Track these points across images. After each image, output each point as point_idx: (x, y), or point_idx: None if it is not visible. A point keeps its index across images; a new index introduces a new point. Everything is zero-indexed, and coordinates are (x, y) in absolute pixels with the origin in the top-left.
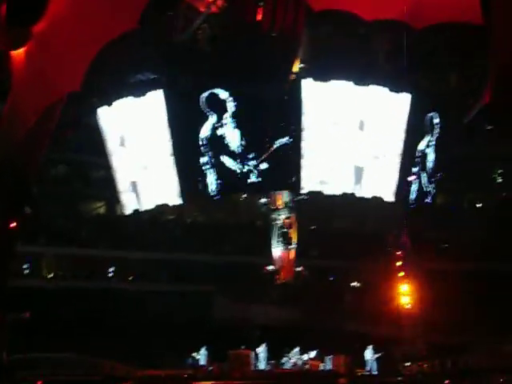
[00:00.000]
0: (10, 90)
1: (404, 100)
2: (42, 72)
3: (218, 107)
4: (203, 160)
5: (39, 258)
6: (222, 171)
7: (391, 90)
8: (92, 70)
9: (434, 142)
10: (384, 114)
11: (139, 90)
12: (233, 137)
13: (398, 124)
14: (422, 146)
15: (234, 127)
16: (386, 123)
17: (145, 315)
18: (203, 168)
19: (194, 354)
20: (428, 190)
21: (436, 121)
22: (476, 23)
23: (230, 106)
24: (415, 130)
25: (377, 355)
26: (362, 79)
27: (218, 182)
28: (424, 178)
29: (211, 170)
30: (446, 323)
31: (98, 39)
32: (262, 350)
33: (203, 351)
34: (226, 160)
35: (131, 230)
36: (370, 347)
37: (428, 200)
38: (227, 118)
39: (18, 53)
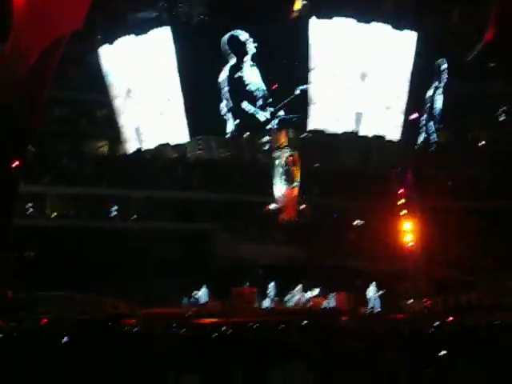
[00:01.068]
0: (12, 28)
1: (409, 39)
2: (44, 11)
3: (238, 49)
4: (221, 102)
5: (42, 197)
6: (240, 113)
7: (394, 28)
8: (94, 8)
9: (441, 88)
10: (390, 54)
11: (141, 27)
12: (252, 79)
13: (404, 65)
14: (429, 92)
15: (254, 69)
16: (393, 63)
17: (148, 254)
18: (221, 109)
19: (197, 292)
20: (433, 134)
21: (444, 67)
22: None
23: (250, 47)
24: (422, 74)
25: (379, 293)
26: (364, 16)
27: (236, 123)
28: (431, 122)
29: (229, 113)
30: (448, 260)
31: None
32: (270, 288)
33: (204, 289)
34: (245, 103)
35: (134, 168)
36: (373, 285)
37: (433, 142)
38: (247, 60)
39: None
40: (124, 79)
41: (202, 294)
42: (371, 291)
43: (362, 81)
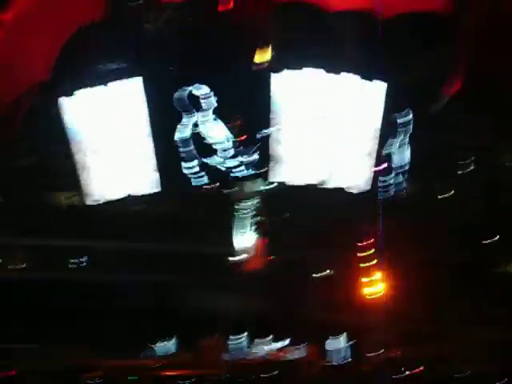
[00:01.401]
0: None
1: (378, 90)
2: (10, 61)
3: (196, 104)
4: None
5: (5, 248)
6: (211, 168)
7: (363, 78)
8: (58, 59)
9: (407, 140)
10: (358, 105)
11: (107, 78)
12: (218, 132)
13: (373, 116)
14: (396, 144)
15: (216, 122)
16: (360, 114)
17: (114, 305)
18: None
19: (161, 344)
20: (401, 185)
21: (408, 119)
22: (441, 12)
23: (210, 101)
24: (389, 126)
25: (347, 343)
26: (333, 67)
27: (203, 178)
28: (397, 173)
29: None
30: (418, 312)
31: (67, 27)
32: (238, 339)
33: (172, 341)
34: (214, 158)
35: (97, 219)
36: (342, 336)
37: (402, 193)
38: (208, 114)
39: None
40: (86, 132)
41: (167, 345)
42: (338, 342)
43: (328, 129)
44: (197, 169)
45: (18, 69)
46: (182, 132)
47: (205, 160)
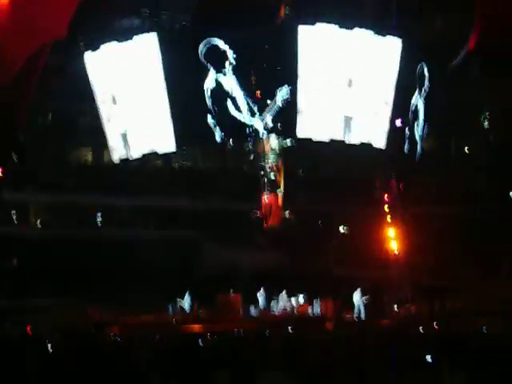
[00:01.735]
0: None
1: (393, 45)
2: (27, 18)
3: (219, 58)
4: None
5: (26, 205)
6: (227, 123)
7: (377, 33)
8: (77, 15)
9: (425, 93)
10: (374, 59)
11: (125, 34)
12: (236, 87)
13: (389, 71)
14: (413, 99)
15: (237, 77)
16: (378, 69)
17: (132, 262)
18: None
19: (180, 300)
20: (418, 141)
21: (426, 71)
22: None
23: (231, 55)
24: (406, 80)
25: (364, 299)
26: (346, 22)
27: (223, 132)
28: (415, 130)
29: (216, 124)
30: (433, 267)
31: None
32: (255, 295)
33: (189, 297)
34: (231, 111)
35: (119, 177)
36: (358, 291)
37: (417, 150)
38: (229, 68)
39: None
40: (109, 86)
41: (187, 301)
42: (356, 298)
43: (348, 87)
44: (215, 122)
45: (34, 26)
46: (204, 85)
47: (224, 113)
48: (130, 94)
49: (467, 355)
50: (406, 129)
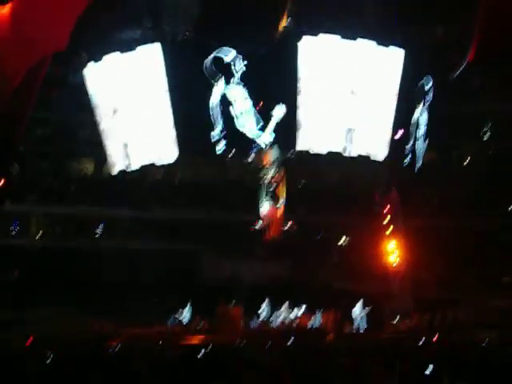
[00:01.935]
0: None
1: (395, 56)
2: (27, 31)
3: (225, 69)
4: (214, 124)
5: (27, 216)
6: (232, 134)
7: (379, 44)
8: (78, 28)
9: (426, 108)
10: (377, 70)
11: (128, 45)
12: (241, 99)
13: (391, 82)
14: (416, 112)
15: (243, 89)
16: (380, 80)
17: (132, 274)
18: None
19: (181, 312)
20: (420, 154)
21: (429, 86)
22: None
23: (239, 66)
24: (409, 91)
25: (365, 311)
26: (349, 33)
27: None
28: (417, 142)
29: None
30: (433, 279)
31: None
32: (256, 308)
33: (189, 309)
34: (238, 123)
35: (120, 188)
36: (359, 304)
37: (418, 162)
38: (236, 79)
39: (1, 11)
40: (110, 97)
41: (187, 313)
42: (357, 310)
43: (350, 97)
44: (219, 135)
45: (34, 39)
46: (210, 97)
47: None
48: (132, 104)
49: (467, 367)
50: (407, 140)
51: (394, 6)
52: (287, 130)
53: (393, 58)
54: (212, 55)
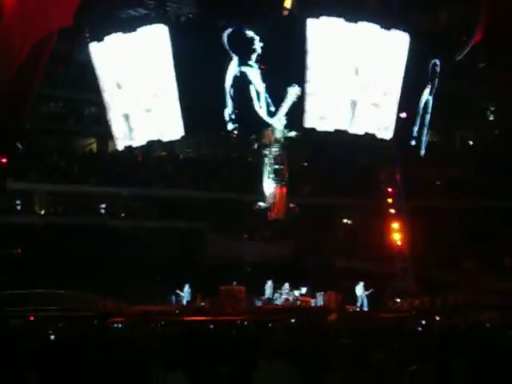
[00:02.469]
0: (0, 25)
1: (400, 39)
2: (34, 6)
3: (242, 47)
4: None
5: (30, 194)
6: (244, 114)
7: (382, 27)
8: (83, 5)
9: (435, 89)
10: (381, 53)
11: (131, 25)
12: (256, 79)
13: (396, 64)
14: (424, 95)
15: (257, 69)
16: (385, 62)
17: (136, 252)
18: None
19: (184, 290)
20: (425, 134)
21: (436, 69)
22: None
23: (256, 46)
24: (415, 74)
25: (367, 292)
26: (352, 16)
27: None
28: (423, 123)
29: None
30: (436, 260)
31: None
32: (259, 286)
33: (192, 288)
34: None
35: (123, 166)
36: (361, 284)
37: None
38: (252, 59)
39: None
40: (115, 74)
41: (190, 292)
42: (359, 290)
43: (355, 77)
44: (230, 113)
45: (40, 15)
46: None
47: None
48: (135, 82)
49: (469, 348)
50: (414, 122)
51: None
52: (294, 110)
53: (397, 41)
54: (229, 30)
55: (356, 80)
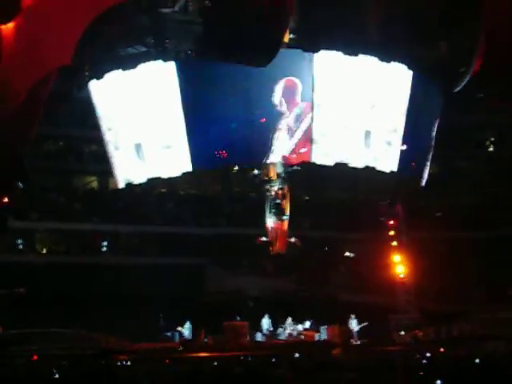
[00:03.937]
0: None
1: (402, 73)
2: (32, 46)
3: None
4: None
5: (32, 233)
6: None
7: (381, 60)
8: (83, 43)
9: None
10: (382, 86)
11: (130, 62)
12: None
13: (399, 98)
14: (428, 125)
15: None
16: (386, 96)
17: (138, 289)
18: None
19: (187, 327)
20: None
21: (440, 101)
22: None
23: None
24: (417, 107)
25: (359, 326)
26: (351, 49)
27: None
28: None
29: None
30: (439, 292)
31: (89, 11)
32: (262, 322)
33: (195, 324)
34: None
35: (123, 204)
36: (353, 318)
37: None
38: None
39: (7, 26)
40: (116, 113)
41: (193, 328)
42: (353, 324)
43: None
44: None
45: (39, 54)
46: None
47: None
48: (137, 118)
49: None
50: (416, 154)
51: (397, 23)
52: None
53: (398, 74)
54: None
55: (364, 115)
